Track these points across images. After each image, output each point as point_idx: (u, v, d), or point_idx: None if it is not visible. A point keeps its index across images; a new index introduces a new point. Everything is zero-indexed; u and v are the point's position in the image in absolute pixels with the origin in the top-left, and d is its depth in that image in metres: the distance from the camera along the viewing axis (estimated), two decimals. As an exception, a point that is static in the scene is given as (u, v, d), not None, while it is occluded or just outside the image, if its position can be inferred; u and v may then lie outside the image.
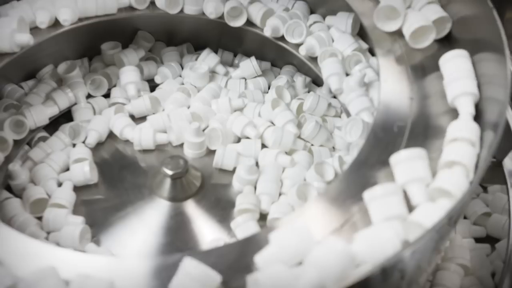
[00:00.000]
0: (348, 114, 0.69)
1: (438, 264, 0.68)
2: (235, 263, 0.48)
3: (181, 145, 0.75)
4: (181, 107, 0.77)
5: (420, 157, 0.52)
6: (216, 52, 0.87)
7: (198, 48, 0.88)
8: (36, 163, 0.69)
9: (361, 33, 0.76)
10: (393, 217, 0.48)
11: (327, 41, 0.74)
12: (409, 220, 0.48)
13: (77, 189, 0.68)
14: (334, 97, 0.80)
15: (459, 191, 0.49)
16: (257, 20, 0.76)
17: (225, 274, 0.45)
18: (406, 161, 0.51)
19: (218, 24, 0.79)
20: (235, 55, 0.88)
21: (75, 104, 0.76)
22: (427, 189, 0.50)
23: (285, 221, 0.51)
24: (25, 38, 0.65)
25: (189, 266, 0.43)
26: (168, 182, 0.68)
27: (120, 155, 0.75)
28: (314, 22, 0.77)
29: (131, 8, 0.77)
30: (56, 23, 0.72)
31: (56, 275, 0.42)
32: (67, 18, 0.70)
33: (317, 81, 0.83)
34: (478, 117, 0.56)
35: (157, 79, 0.82)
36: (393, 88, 0.61)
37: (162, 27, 0.83)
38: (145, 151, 0.74)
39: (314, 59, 0.76)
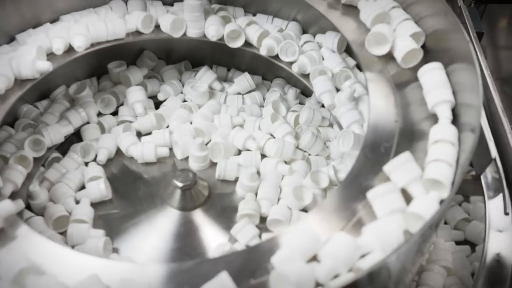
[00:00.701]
0: (340, 126, 0.75)
1: (423, 266, 0.73)
2: (241, 269, 0.53)
3: (186, 158, 0.80)
4: (185, 123, 0.83)
5: (409, 160, 0.57)
6: (211, 67, 0.92)
7: (194, 64, 0.94)
8: (53, 183, 0.74)
9: (348, 50, 0.82)
10: (395, 211, 0.54)
11: (318, 60, 0.80)
12: (408, 211, 0.54)
13: (93, 203, 0.73)
14: (323, 106, 0.85)
15: (447, 180, 0.55)
16: (253, 41, 0.82)
17: (233, 278, 0.50)
18: (399, 166, 0.57)
19: (212, 43, 0.84)
20: (228, 70, 0.94)
21: (88, 122, 0.81)
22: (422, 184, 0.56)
23: (292, 227, 0.57)
24: (45, 66, 0.70)
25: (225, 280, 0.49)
26: (178, 193, 0.73)
27: (129, 169, 0.80)
28: (306, 42, 0.83)
29: (138, 32, 0.82)
30: (70, 49, 0.77)
31: (100, 282, 0.48)
32: (81, 45, 0.75)
33: (305, 92, 0.90)
34: (456, 120, 0.62)
35: (160, 97, 0.87)
36: (380, 112, 0.67)
37: (162, 47, 0.89)
38: (149, 164, 0.80)
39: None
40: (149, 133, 0.82)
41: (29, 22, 0.79)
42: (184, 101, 0.88)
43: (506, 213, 0.65)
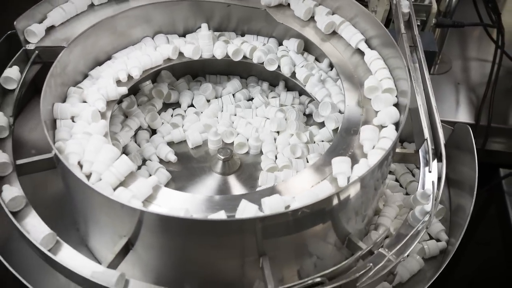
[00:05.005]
0: (316, 100, 1.10)
1: (383, 206, 1.03)
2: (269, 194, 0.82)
3: (196, 147, 1.11)
4: (195, 122, 1.14)
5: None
6: (204, 77, 1.24)
7: (193, 76, 1.26)
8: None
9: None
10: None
11: (294, 63, 1.15)
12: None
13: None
14: (287, 90, 1.21)
15: (392, 84, 0.97)
16: (247, 53, 1.14)
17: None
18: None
19: (202, 60, 1.15)
20: (216, 76, 1.25)
21: (140, 126, 1.11)
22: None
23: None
24: (124, 89, 1.00)
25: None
26: (220, 163, 1.04)
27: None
28: (282, 50, 1.17)
29: (168, 59, 1.12)
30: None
31: (251, 204, 0.79)
32: (137, 73, 1.05)
33: (272, 83, 1.24)
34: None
35: (184, 106, 1.18)
36: (352, 110, 0.97)
37: (170, 67, 1.17)
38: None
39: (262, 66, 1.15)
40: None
41: (93, 62, 1.07)
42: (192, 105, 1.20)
43: (430, 171, 0.86)
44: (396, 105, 0.96)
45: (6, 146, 0.90)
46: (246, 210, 0.79)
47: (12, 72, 0.98)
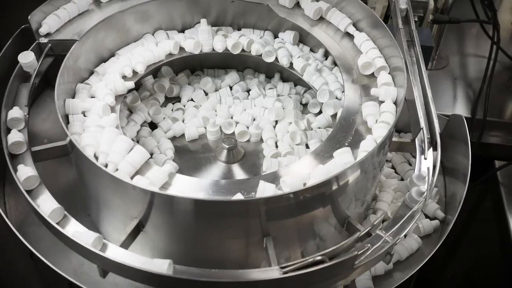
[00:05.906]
0: (314, 88, 1.14)
1: (379, 192, 1.07)
2: (274, 178, 0.86)
3: (192, 140, 1.14)
4: (194, 116, 1.18)
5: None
6: (202, 71, 1.29)
7: (192, 71, 1.29)
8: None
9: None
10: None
11: (290, 54, 1.19)
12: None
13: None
14: (283, 81, 1.26)
15: (383, 60, 1.02)
16: (244, 47, 1.18)
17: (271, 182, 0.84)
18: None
19: (198, 55, 1.17)
20: (213, 69, 1.30)
21: (145, 120, 1.15)
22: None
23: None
24: (131, 84, 1.04)
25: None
26: (225, 152, 1.07)
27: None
28: (278, 42, 1.21)
29: (170, 54, 1.16)
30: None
31: (267, 185, 0.84)
32: (142, 69, 1.08)
33: (267, 74, 1.28)
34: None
35: (184, 100, 1.22)
36: (351, 99, 1.01)
37: (171, 62, 1.20)
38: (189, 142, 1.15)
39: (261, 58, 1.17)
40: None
41: (99, 59, 1.11)
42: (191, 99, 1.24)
43: (425, 158, 0.88)
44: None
45: (27, 161, 0.91)
46: (266, 190, 0.83)
47: (16, 113, 0.96)
